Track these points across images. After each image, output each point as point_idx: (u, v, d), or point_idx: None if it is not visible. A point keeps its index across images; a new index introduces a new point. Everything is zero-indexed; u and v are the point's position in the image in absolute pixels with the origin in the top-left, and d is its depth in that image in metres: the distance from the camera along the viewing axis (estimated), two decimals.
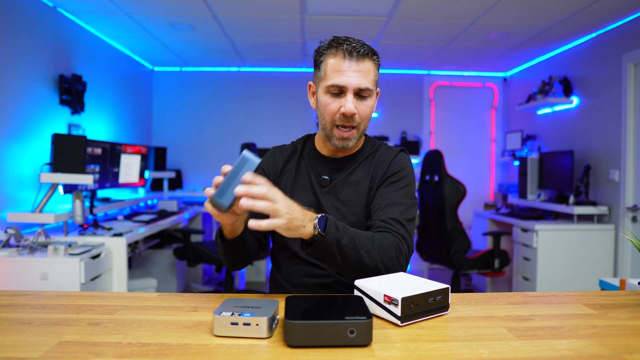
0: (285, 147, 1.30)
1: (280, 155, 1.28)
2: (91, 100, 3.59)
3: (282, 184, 1.24)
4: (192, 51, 4.41)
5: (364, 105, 1.13)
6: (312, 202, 1.19)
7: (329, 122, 1.14)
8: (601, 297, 1.02)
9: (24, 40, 2.79)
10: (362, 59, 1.10)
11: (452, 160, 4.90)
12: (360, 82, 1.10)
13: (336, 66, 1.10)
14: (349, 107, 1.09)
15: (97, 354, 0.67)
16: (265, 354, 0.69)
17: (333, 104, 1.11)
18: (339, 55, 1.10)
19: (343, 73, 1.09)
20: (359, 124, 1.14)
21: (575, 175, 3.72)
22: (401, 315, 0.80)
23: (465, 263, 3.43)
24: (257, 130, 5.08)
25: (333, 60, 1.11)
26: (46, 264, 2.23)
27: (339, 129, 1.13)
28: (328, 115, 1.13)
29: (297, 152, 1.28)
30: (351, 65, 1.09)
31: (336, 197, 1.19)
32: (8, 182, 2.67)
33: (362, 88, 1.10)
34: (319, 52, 1.15)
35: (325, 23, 3.50)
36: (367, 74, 1.11)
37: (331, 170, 1.22)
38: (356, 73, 1.10)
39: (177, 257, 3.65)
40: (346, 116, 1.11)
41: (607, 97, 3.47)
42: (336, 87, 1.10)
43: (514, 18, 3.32)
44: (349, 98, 1.10)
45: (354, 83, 1.09)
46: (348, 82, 1.09)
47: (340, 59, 1.10)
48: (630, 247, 3.29)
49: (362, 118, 1.13)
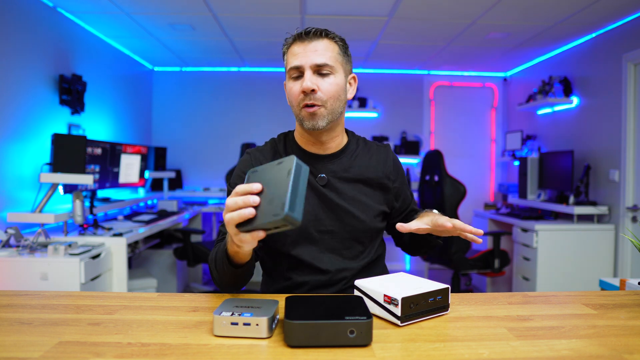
0: (264, 147, 1.25)
1: (262, 156, 1.22)
2: (91, 100, 3.59)
3: None
4: (192, 51, 4.41)
5: (327, 83, 1.11)
6: (315, 202, 1.16)
7: (296, 105, 1.13)
8: (601, 297, 1.02)
9: (24, 40, 2.79)
10: (315, 38, 1.11)
11: (452, 160, 4.90)
12: (316, 58, 1.09)
13: (293, 51, 1.12)
14: (305, 83, 1.08)
15: (97, 354, 0.67)
16: (265, 354, 0.69)
17: (295, 86, 1.12)
18: (295, 42, 1.13)
19: (298, 54, 1.11)
20: (324, 102, 1.11)
21: (575, 175, 3.72)
22: (401, 315, 0.80)
23: (465, 263, 3.43)
24: (257, 130, 5.08)
25: (290, 49, 1.14)
26: (46, 264, 2.23)
27: (305, 109, 1.11)
28: (293, 99, 1.13)
29: (278, 152, 1.23)
30: (306, 46, 1.11)
31: (340, 195, 1.17)
32: (8, 182, 2.67)
33: (319, 64, 1.09)
34: (283, 47, 1.17)
35: (325, 23, 3.49)
36: (324, 51, 1.11)
37: (324, 166, 1.19)
38: (312, 52, 1.10)
39: (177, 257, 3.65)
40: (306, 93, 1.09)
41: (607, 97, 3.47)
42: (294, 69, 1.11)
43: (514, 18, 3.32)
44: (307, 75, 1.09)
45: (310, 60, 1.09)
46: (302, 61, 1.10)
47: (297, 44, 1.12)
48: (630, 247, 3.29)
49: (327, 95, 1.11)
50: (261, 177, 0.79)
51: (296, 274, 1.18)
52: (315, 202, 1.17)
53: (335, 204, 1.16)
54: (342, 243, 1.17)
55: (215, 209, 4.49)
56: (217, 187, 4.96)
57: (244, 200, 0.77)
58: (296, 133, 1.23)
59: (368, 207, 1.19)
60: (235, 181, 1.21)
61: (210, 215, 4.96)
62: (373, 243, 1.22)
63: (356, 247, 1.19)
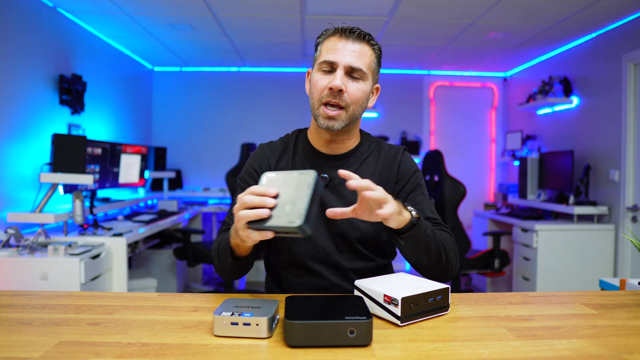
0: (274, 143, 1.24)
1: (270, 153, 1.21)
2: (91, 100, 3.59)
3: None
4: (192, 51, 4.41)
5: (355, 87, 1.08)
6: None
7: (317, 99, 1.09)
8: (601, 297, 1.02)
9: (24, 40, 2.79)
10: (358, 40, 1.08)
11: (452, 160, 4.90)
12: (352, 60, 1.06)
13: (330, 45, 1.09)
14: (335, 81, 1.05)
15: (97, 354, 0.67)
16: (265, 354, 0.69)
17: (322, 80, 1.08)
18: (335, 35, 1.10)
19: (336, 51, 1.07)
20: (347, 105, 1.08)
21: (575, 175, 3.72)
22: (401, 315, 0.80)
23: (465, 263, 3.43)
24: (257, 130, 5.08)
25: (329, 40, 1.11)
26: (46, 264, 2.23)
27: (325, 107, 1.08)
28: (316, 92, 1.09)
29: (288, 148, 1.21)
30: (346, 45, 1.07)
31: (341, 196, 1.14)
32: (8, 182, 2.67)
33: (354, 67, 1.06)
34: (319, 36, 1.15)
35: (325, 23, 3.48)
36: (362, 55, 1.08)
37: (330, 167, 1.15)
38: (350, 52, 1.07)
39: (177, 257, 3.65)
40: (333, 91, 1.06)
41: (607, 97, 3.47)
42: (327, 64, 1.07)
43: (514, 18, 3.32)
44: (339, 74, 1.06)
45: (346, 60, 1.06)
46: (339, 59, 1.06)
47: (336, 38, 1.09)
48: (630, 247, 3.29)
49: (351, 99, 1.08)
50: (277, 182, 0.83)
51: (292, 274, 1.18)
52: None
53: (336, 205, 1.12)
54: (333, 246, 1.15)
55: (215, 209, 4.49)
56: (217, 187, 4.96)
57: (261, 200, 0.79)
58: (311, 131, 1.21)
59: None
60: (245, 176, 1.21)
61: (210, 215, 4.96)
62: (370, 250, 1.17)
63: (349, 251, 1.16)
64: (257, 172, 1.19)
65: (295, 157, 1.20)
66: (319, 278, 1.16)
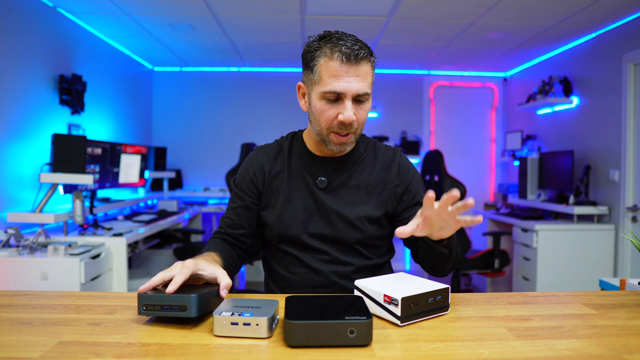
0: (269, 146, 1.24)
1: (265, 156, 1.21)
2: (91, 100, 3.59)
3: (275, 186, 1.19)
4: (192, 51, 4.41)
5: (362, 110, 1.07)
6: (310, 205, 1.16)
7: (325, 128, 1.07)
8: (601, 297, 1.02)
9: (24, 40, 2.79)
10: (360, 62, 1.02)
11: (452, 160, 4.90)
12: (359, 87, 1.03)
13: (332, 70, 1.02)
14: (348, 114, 1.03)
15: (97, 354, 0.67)
16: (265, 354, 0.69)
17: (330, 111, 1.05)
18: (334, 58, 1.02)
19: (340, 79, 1.02)
20: (356, 129, 1.09)
21: (575, 175, 3.72)
22: (401, 315, 0.80)
23: (465, 263, 3.43)
24: (257, 130, 5.08)
25: (329, 64, 1.03)
26: (46, 264, 2.23)
27: (336, 135, 1.07)
28: (324, 122, 1.06)
29: (283, 151, 1.22)
30: (349, 70, 1.02)
31: (338, 199, 1.16)
32: (8, 182, 2.67)
33: (361, 94, 1.04)
34: (310, 51, 1.06)
35: (325, 23, 3.50)
36: (365, 77, 1.04)
37: (328, 171, 1.17)
38: (354, 78, 1.02)
39: (177, 257, 3.65)
40: (345, 124, 1.04)
41: (607, 97, 3.47)
42: (333, 94, 1.03)
43: (514, 18, 3.32)
44: (348, 105, 1.03)
45: (353, 89, 1.02)
46: (346, 89, 1.02)
47: (338, 63, 1.02)
48: (630, 247, 3.29)
49: (359, 123, 1.08)
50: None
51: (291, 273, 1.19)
52: (310, 204, 1.16)
53: (329, 208, 1.15)
54: (332, 247, 1.17)
55: (215, 209, 4.49)
56: (217, 187, 4.96)
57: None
58: (307, 134, 1.21)
59: (366, 213, 1.15)
60: (239, 181, 1.22)
61: (210, 215, 4.96)
62: (369, 250, 1.19)
63: (348, 252, 1.18)
64: (251, 177, 1.20)
65: (291, 159, 1.20)
66: (319, 275, 1.17)
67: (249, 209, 1.21)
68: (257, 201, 1.21)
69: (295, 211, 1.16)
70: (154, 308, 0.79)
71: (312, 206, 1.16)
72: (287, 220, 1.16)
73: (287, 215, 1.16)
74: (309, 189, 1.17)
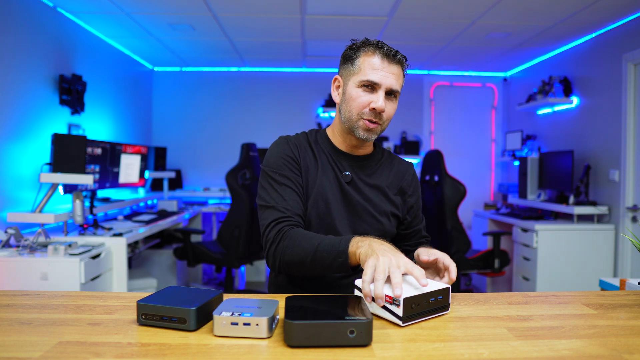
0: (296, 137, 1.27)
1: (294, 146, 1.24)
2: (91, 100, 3.59)
3: (310, 174, 1.22)
4: (192, 51, 4.41)
5: (391, 106, 1.18)
6: (338, 196, 1.22)
7: (356, 113, 1.17)
8: (601, 297, 1.02)
9: (24, 40, 2.79)
10: (396, 63, 1.16)
11: (452, 160, 4.90)
12: (393, 82, 1.15)
13: (373, 64, 1.15)
14: (380, 103, 1.13)
15: (97, 354, 0.67)
16: (265, 354, 0.69)
17: (364, 97, 1.15)
18: (377, 54, 1.15)
19: (379, 71, 1.14)
20: (384, 122, 1.18)
21: (575, 175, 3.72)
22: (403, 316, 0.80)
23: (465, 263, 3.43)
24: (257, 130, 5.08)
25: (370, 58, 1.15)
26: (46, 264, 2.22)
27: (365, 121, 1.16)
28: (356, 107, 1.16)
29: (308, 144, 1.26)
30: (386, 66, 1.15)
31: (361, 194, 1.23)
32: (8, 182, 2.67)
33: (394, 89, 1.15)
34: (353, 48, 1.19)
35: (325, 23, 3.50)
36: (398, 77, 1.17)
37: (352, 167, 1.25)
38: (390, 74, 1.15)
39: (177, 257, 3.65)
40: (376, 112, 1.15)
41: (607, 97, 3.47)
42: (370, 83, 1.14)
43: (514, 18, 3.32)
44: (381, 95, 1.14)
45: (388, 82, 1.14)
46: (382, 80, 1.14)
47: (379, 58, 1.15)
48: (630, 247, 3.29)
49: (387, 117, 1.18)
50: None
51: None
52: (339, 197, 1.22)
53: (356, 201, 1.22)
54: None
55: (215, 209, 4.49)
56: (217, 187, 4.96)
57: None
58: (331, 130, 1.29)
59: (384, 210, 1.25)
60: (282, 164, 1.19)
61: (210, 215, 4.96)
62: None
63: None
64: (294, 159, 1.21)
65: (319, 153, 1.26)
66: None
67: (302, 186, 1.21)
68: (302, 181, 1.22)
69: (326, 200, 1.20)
70: (153, 318, 0.79)
71: (339, 198, 1.22)
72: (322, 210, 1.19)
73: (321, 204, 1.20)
74: (337, 180, 1.23)
